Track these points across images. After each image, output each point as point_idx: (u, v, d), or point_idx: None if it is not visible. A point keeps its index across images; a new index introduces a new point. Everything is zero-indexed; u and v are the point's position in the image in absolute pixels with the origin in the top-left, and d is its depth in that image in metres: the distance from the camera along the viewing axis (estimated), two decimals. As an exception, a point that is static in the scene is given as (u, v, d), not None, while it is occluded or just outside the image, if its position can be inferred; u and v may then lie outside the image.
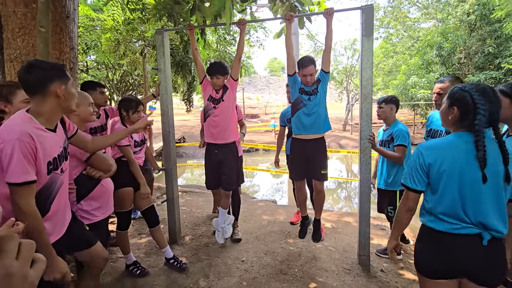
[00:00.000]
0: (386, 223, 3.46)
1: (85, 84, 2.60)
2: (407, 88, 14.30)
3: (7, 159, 1.15)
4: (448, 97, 1.31)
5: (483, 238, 1.18)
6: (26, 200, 1.18)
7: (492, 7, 11.58)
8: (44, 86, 1.25)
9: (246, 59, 10.42)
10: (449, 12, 15.16)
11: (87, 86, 2.54)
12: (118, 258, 2.74)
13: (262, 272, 2.49)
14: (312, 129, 2.60)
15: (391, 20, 18.52)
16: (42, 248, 1.20)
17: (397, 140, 2.55)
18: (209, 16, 2.69)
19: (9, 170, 1.15)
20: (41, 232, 1.21)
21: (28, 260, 0.48)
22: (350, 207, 6.09)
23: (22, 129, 1.19)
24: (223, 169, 2.78)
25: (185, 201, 4.64)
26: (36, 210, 1.20)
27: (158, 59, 2.85)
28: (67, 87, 1.31)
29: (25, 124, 1.22)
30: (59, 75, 1.30)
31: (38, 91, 1.26)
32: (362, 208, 2.46)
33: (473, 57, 13.48)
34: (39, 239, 1.18)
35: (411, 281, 2.39)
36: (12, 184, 1.16)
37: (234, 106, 2.79)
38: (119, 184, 2.29)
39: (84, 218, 1.72)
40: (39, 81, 1.25)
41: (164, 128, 2.92)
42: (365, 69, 2.36)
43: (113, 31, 4.99)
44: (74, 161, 1.66)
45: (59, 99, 1.29)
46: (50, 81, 1.26)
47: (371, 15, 2.32)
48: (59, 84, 1.28)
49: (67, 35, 2.70)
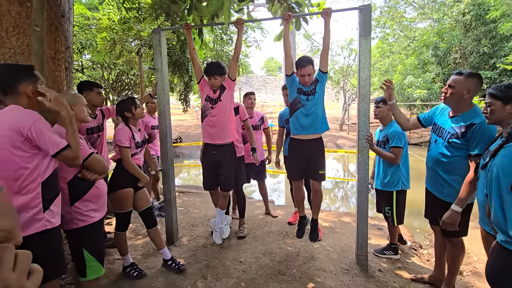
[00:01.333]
0: (384, 222, 3.47)
1: (81, 84, 2.58)
2: (403, 88, 14.37)
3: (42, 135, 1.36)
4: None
5: None
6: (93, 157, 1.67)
7: (487, 8, 11.70)
8: (13, 87, 1.37)
9: (244, 57, 10.40)
10: (444, 12, 15.27)
11: (83, 86, 2.53)
12: (115, 259, 2.72)
13: (260, 272, 2.48)
14: (310, 129, 2.60)
15: (387, 20, 18.61)
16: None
17: (392, 141, 2.55)
18: (206, 16, 2.68)
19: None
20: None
21: (25, 271, 0.47)
22: (347, 207, 6.11)
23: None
24: (221, 170, 2.77)
25: (182, 201, 4.62)
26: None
27: (155, 59, 2.82)
28: (35, 86, 1.42)
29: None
30: (27, 75, 1.41)
31: (9, 92, 1.38)
32: (360, 208, 2.46)
33: (469, 57, 13.59)
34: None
35: (408, 281, 2.40)
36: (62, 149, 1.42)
37: (231, 106, 2.78)
38: (119, 185, 2.28)
39: (79, 220, 1.70)
40: (8, 83, 1.37)
41: (161, 128, 2.90)
42: (363, 69, 2.36)
43: (109, 30, 4.94)
44: None
45: (30, 98, 1.41)
46: (18, 81, 1.38)
47: (369, 15, 2.32)
48: (27, 84, 1.39)
49: (62, 34, 2.67)
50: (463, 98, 1.87)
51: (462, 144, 1.88)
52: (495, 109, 1.51)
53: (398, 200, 2.61)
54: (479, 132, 1.79)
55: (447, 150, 1.95)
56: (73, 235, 1.72)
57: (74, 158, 1.48)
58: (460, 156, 1.90)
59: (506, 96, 1.47)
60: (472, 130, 1.82)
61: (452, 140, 1.92)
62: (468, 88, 1.85)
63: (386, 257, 2.75)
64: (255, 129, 3.50)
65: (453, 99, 1.91)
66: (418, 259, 2.88)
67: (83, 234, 1.72)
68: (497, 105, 1.50)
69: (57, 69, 2.56)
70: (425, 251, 3.28)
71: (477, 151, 1.78)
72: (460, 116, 1.92)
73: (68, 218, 1.69)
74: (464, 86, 1.86)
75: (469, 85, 1.85)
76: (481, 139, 1.78)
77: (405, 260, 2.76)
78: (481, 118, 1.81)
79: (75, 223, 1.70)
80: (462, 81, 1.87)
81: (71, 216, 1.69)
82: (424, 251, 3.28)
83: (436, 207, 2.07)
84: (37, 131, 1.35)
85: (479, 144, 1.78)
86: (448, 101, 1.96)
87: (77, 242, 1.72)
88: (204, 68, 2.72)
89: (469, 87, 1.85)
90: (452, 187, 1.95)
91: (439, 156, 2.00)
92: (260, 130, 3.56)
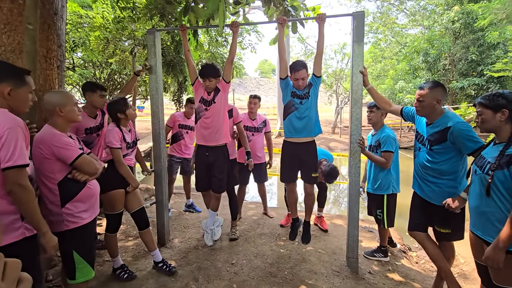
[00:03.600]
0: (374, 225, 3.52)
1: (87, 85, 2.55)
2: (394, 93, 14.63)
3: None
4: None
5: None
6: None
7: (476, 16, 12.04)
8: None
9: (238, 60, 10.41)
10: (435, 19, 15.64)
11: (87, 87, 2.51)
12: (104, 261, 2.68)
13: (252, 274, 2.49)
14: (303, 132, 2.63)
15: (379, 25, 18.94)
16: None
17: (383, 146, 2.60)
18: (202, 17, 2.69)
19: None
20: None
21: (14, 280, 0.46)
22: (339, 210, 6.17)
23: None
24: (214, 172, 2.77)
25: (174, 202, 4.59)
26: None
27: (149, 59, 2.81)
28: (15, 90, 1.39)
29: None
30: (9, 77, 1.38)
31: None
32: (351, 211, 2.50)
33: (457, 64, 13.95)
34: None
35: (398, 283, 2.44)
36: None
37: (225, 108, 2.79)
38: (111, 186, 2.25)
39: (70, 222, 1.67)
40: None
41: (154, 129, 2.88)
42: (355, 74, 2.40)
43: (103, 29, 4.89)
44: (58, 164, 1.61)
45: (5, 99, 1.37)
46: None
47: (362, 21, 2.37)
48: (6, 85, 1.36)
49: (55, 32, 2.63)
50: (434, 108, 1.97)
51: (443, 149, 1.95)
52: (485, 118, 1.56)
53: (389, 203, 2.66)
54: (458, 133, 1.86)
55: (431, 156, 2.02)
56: (64, 237, 1.68)
57: (13, 184, 1.32)
58: (444, 160, 1.96)
59: (495, 105, 1.51)
60: (451, 134, 1.89)
61: (434, 147, 2.00)
62: (436, 98, 1.95)
63: (376, 259, 2.79)
64: (256, 131, 3.54)
65: (425, 111, 2.02)
66: (407, 261, 2.93)
67: (73, 236, 1.69)
68: (488, 114, 1.54)
69: (49, 67, 2.52)
70: (414, 253, 3.34)
71: (471, 148, 1.83)
72: (435, 123, 2.01)
73: (59, 220, 1.66)
74: (431, 98, 1.95)
75: (436, 95, 1.95)
76: (464, 137, 1.84)
77: (394, 262, 2.81)
78: (453, 120, 1.90)
79: (65, 224, 1.66)
80: (427, 94, 1.96)
81: (61, 218, 1.65)
82: (413, 253, 3.34)
83: (428, 211, 2.11)
84: (6, 138, 1.26)
85: (466, 142, 1.84)
86: (422, 113, 2.07)
87: (67, 244, 1.69)
88: (199, 70, 2.73)
89: (437, 97, 1.95)
90: (443, 190, 1.99)
91: (425, 162, 2.06)
92: (261, 132, 3.59)
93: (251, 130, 3.54)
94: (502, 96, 1.50)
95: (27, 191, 1.34)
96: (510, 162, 1.41)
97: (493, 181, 1.47)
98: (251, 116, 3.57)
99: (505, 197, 1.45)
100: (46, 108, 1.65)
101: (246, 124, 3.53)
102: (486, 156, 1.57)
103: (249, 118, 3.57)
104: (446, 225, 2.05)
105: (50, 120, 1.68)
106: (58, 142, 1.60)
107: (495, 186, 1.47)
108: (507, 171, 1.41)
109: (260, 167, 3.60)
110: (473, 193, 1.63)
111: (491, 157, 1.53)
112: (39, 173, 1.62)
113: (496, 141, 1.58)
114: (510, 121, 1.50)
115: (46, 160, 1.59)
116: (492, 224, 1.50)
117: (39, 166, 1.61)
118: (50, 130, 1.65)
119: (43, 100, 1.63)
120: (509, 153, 1.43)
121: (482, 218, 1.56)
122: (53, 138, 1.61)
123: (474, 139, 1.82)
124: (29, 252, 1.40)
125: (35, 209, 1.39)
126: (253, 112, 3.56)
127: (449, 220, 2.02)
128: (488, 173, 1.50)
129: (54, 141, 1.60)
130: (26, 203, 1.35)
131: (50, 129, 1.65)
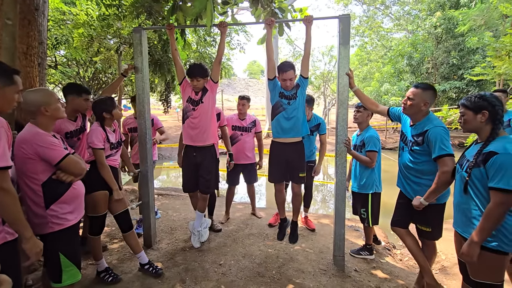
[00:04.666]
0: (360, 224, 3.59)
1: (70, 87, 2.34)
2: (380, 95, 14.97)
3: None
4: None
5: None
6: None
7: (457, 22, 12.50)
8: None
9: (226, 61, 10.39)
10: (418, 24, 16.13)
11: (71, 90, 2.31)
12: (88, 264, 2.61)
13: (240, 275, 2.48)
14: (291, 133, 2.65)
15: (366, 29, 19.36)
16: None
17: (368, 146, 2.66)
18: (190, 16, 2.67)
19: None
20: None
21: None
22: (326, 209, 6.25)
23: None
24: (201, 172, 2.75)
25: (161, 204, 4.52)
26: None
27: (135, 58, 2.76)
28: (2, 89, 1.33)
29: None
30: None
31: None
32: (337, 210, 2.53)
33: (440, 68, 14.44)
34: None
35: (382, 280, 2.50)
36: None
37: (213, 108, 2.78)
38: (94, 187, 2.20)
39: (55, 223, 1.62)
40: None
41: (140, 129, 2.83)
42: (341, 76, 2.44)
43: (87, 26, 4.76)
44: (42, 165, 1.56)
45: None
46: None
47: (348, 24, 2.42)
48: None
49: (36, 28, 2.55)
50: (420, 109, 2.01)
51: (422, 150, 2.01)
52: (467, 118, 1.62)
53: (373, 202, 2.72)
54: (432, 136, 1.91)
55: (412, 157, 2.08)
56: (49, 239, 1.62)
57: None
58: (425, 161, 2.02)
59: (476, 106, 1.57)
60: (427, 136, 1.95)
61: (414, 147, 2.05)
62: (425, 100, 1.99)
63: (361, 257, 2.84)
64: (245, 131, 3.54)
65: (412, 110, 2.06)
66: (391, 259, 3.00)
67: (59, 237, 1.64)
68: (469, 115, 1.60)
69: (30, 65, 2.44)
70: (398, 251, 3.42)
71: (436, 153, 1.88)
72: (417, 125, 2.06)
73: (43, 222, 1.60)
74: (421, 99, 1.99)
75: (426, 98, 1.99)
76: (436, 141, 1.89)
77: (379, 260, 2.87)
78: (433, 123, 1.95)
79: (50, 226, 1.61)
80: (419, 93, 2.00)
81: (46, 220, 1.60)
82: (397, 251, 3.42)
83: (411, 209, 2.13)
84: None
85: (435, 147, 1.89)
86: (407, 112, 2.11)
87: (52, 246, 1.63)
88: (187, 69, 2.70)
89: (426, 100, 1.99)
90: (424, 190, 2.02)
91: (408, 162, 2.12)
92: (250, 132, 3.59)
93: (240, 129, 3.54)
94: (483, 98, 1.56)
95: (9, 194, 1.28)
96: (486, 159, 1.46)
97: (470, 178, 1.53)
98: (240, 116, 3.58)
99: (482, 194, 1.50)
100: (29, 109, 1.59)
101: (235, 124, 3.53)
102: (467, 155, 1.64)
103: (238, 118, 3.58)
104: (427, 223, 2.11)
105: (34, 120, 1.62)
106: (43, 142, 1.55)
107: (473, 183, 1.53)
108: (483, 169, 1.47)
109: (249, 167, 3.60)
110: (456, 191, 1.69)
111: (470, 155, 1.59)
112: (22, 174, 1.56)
113: (477, 141, 1.65)
114: (490, 122, 1.55)
115: (29, 161, 1.54)
116: (470, 221, 1.56)
117: (21, 167, 1.55)
118: (33, 129, 1.59)
119: (23, 100, 1.57)
120: (485, 151, 1.49)
121: (462, 215, 1.62)
122: (37, 137, 1.56)
123: (443, 146, 1.86)
124: (9, 256, 1.34)
125: (18, 213, 1.33)
126: (243, 113, 3.57)
127: (429, 219, 2.09)
128: (467, 171, 1.56)
129: (39, 140, 1.55)
130: (8, 207, 1.29)
131: (34, 128, 1.60)
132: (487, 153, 1.47)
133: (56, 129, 2.20)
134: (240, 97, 3.60)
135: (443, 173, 1.83)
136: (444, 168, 1.83)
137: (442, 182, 1.85)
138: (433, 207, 2.03)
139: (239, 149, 3.50)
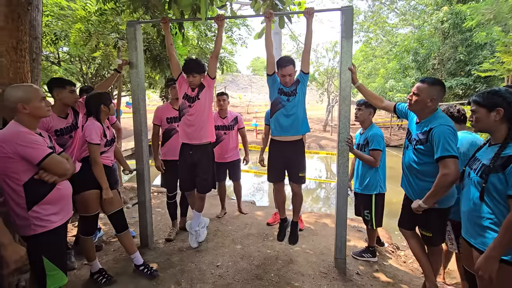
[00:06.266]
0: (363, 224, 3.49)
1: (53, 81, 2.31)
2: (385, 91, 14.75)
3: None
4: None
5: None
6: None
7: (464, 17, 12.19)
8: None
9: (229, 55, 10.27)
10: (424, 19, 15.81)
11: (54, 84, 2.27)
12: (83, 264, 2.55)
13: (237, 277, 2.41)
14: (290, 131, 2.54)
15: (370, 24, 19.05)
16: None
17: (371, 144, 2.55)
18: (184, 8, 2.56)
19: None
20: None
21: None
22: (329, 208, 6.15)
23: None
24: (198, 171, 2.66)
25: (160, 202, 4.46)
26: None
27: (130, 53, 2.68)
28: None
29: None
30: None
31: None
32: (339, 211, 2.44)
33: (446, 63, 14.15)
34: None
35: (385, 284, 2.40)
36: None
37: (210, 105, 2.69)
38: (85, 186, 2.13)
39: (38, 226, 1.55)
40: None
41: (136, 126, 2.75)
42: (344, 71, 2.33)
43: (84, 21, 4.68)
44: (23, 164, 1.49)
45: None
46: None
47: (351, 16, 2.30)
48: None
49: (27, 22, 2.46)
50: (426, 105, 1.86)
51: (426, 150, 1.85)
52: (479, 117, 1.47)
53: (377, 204, 2.61)
54: (436, 135, 1.76)
55: (415, 156, 1.94)
56: (31, 242, 1.57)
57: None
58: (428, 162, 1.86)
59: (490, 103, 1.42)
60: (431, 135, 1.80)
61: (418, 146, 1.90)
62: (431, 96, 1.83)
63: (364, 259, 2.75)
64: (228, 130, 3.50)
65: (417, 106, 1.90)
66: (395, 261, 2.90)
67: (43, 240, 1.57)
68: (482, 113, 1.45)
69: (20, 60, 2.35)
70: (402, 252, 3.32)
71: (438, 154, 1.73)
72: (423, 122, 1.91)
73: (25, 223, 1.54)
74: (427, 94, 1.84)
75: (432, 93, 1.83)
76: (440, 139, 1.73)
77: (382, 262, 2.78)
78: (439, 122, 1.79)
79: (33, 229, 1.55)
80: (426, 89, 1.85)
81: (28, 222, 1.53)
82: (401, 252, 3.32)
83: (413, 211, 2.05)
84: None
85: (438, 147, 1.74)
86: (413, 108, 1.96)
87: (35, 249, 1.57)
88: (183, 65, 2.61)
89: (433, 95, 1.83)
90: (424, 193, 1.87)
91: (410, 162, 1.98)
92: (233, 130, 3.54)
93: (223, 129, 3.47)
94: (497, 94, 1.41)
95: None
96: (506, 165, 1.31)
97: (487, 185, 1.38)
98: (221, 114, 3.49)
99: (499, 202, 1.35)
100: (8, 106, 1.52)
101: (217, 124, 3.42)
102: (481, 158, 1.48)
103: (219, 117, 3.48)
104: (428, 227, 2.00)
105: (16, 117, 1.55)
106: (24, 141, 1.48)
107: (489, 191, 1.38)
108: (502, 175, 1.32)
109: (234, 164, 3.59)
110: (465, 197, 1.54)
111: (486, 159, 1.44)
112: (3, 174, 1.49)
113: (491, 142, 1.49)
114: (506, 121, 1.40)
115: (9, 160, 1.46)
116: (485, 231, 1.41)
117: (2, 166, 1.48)
118: (15, 127, 1.52)
119: (4, 96, 1.49)
120: (504, 155, 1.33)
121: (474, 224, 1.47)
122: (18, 136, 1.48)
123: (447, 147, 1.70)
124: None
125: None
126: (223, 109, 3.49)
127: (430, 223, 1.97)
128: (482, 176, 1.40)
129: (19, 139, 1.47)
130: None
131: (16, 126, 1.53)
132: (507, 158, 1.32)
133: (45, 127, 2.13)
134: (218, 93, 3.54)
135: (443, 176, 1.69)
136: (445, 170, 1.69)
137: (441, 185, 1.71)
138: (434, 211, 1.89)
139: (223, 149, 3.48)
